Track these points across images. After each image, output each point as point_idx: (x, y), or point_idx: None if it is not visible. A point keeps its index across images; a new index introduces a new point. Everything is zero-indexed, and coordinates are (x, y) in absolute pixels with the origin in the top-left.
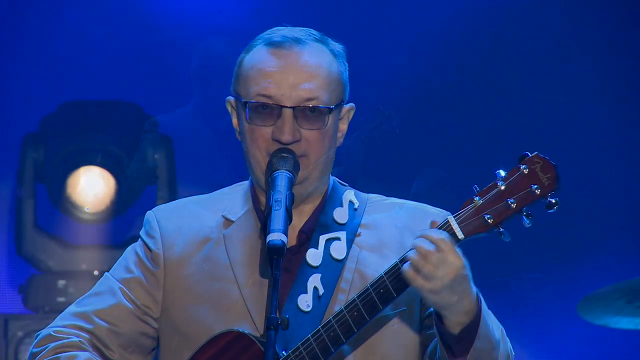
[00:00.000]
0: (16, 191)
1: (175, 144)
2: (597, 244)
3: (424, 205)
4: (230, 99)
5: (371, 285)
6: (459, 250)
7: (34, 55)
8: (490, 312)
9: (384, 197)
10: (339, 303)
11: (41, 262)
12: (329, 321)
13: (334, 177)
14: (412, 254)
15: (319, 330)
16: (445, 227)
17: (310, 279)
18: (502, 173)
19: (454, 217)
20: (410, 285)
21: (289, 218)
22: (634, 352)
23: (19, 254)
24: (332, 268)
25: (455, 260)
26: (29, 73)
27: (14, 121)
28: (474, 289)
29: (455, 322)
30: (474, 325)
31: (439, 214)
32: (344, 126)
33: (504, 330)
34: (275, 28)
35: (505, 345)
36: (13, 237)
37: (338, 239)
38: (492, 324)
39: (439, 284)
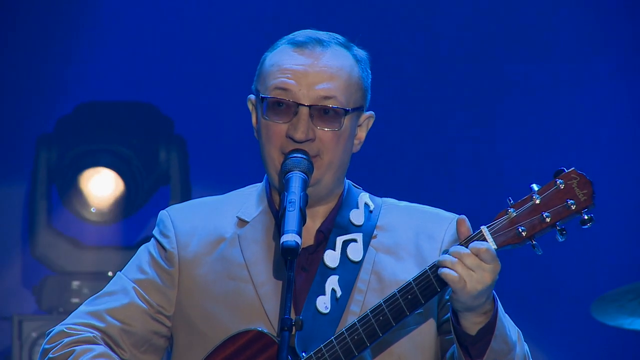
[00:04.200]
0: (30, 192)
1: (190, 144)
2: (611, 244)
3: (437, 209)
4: (252, 97)
5: (399, 291)
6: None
7: (49, 56)
8: (507, 315)
9: (398, 201)
10: (356, 304)
11: (55, 263)
12: (354, 324)
13: (348, 181)
14: (447, 257)
15: (342, 333)
16: (479, 237)
17: (328, 280)
18: (536, 187)
19: (488, 227)
20: (439, 292)
21: (302, 219)
22: None
23: (33, 255)
24: (349, 270)
25: (496, 266)
26: (44, 74)
27: (28, 122)
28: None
29: (473, 322)
30: (490, 326)
31: (454, 219)
32: (362, 134)
33: (520, 333)
34: (301, 30)
35: (522, 347)
36: (27, 238)
37: (355, 240)
38: (509, 325)
39: (479, 286)
